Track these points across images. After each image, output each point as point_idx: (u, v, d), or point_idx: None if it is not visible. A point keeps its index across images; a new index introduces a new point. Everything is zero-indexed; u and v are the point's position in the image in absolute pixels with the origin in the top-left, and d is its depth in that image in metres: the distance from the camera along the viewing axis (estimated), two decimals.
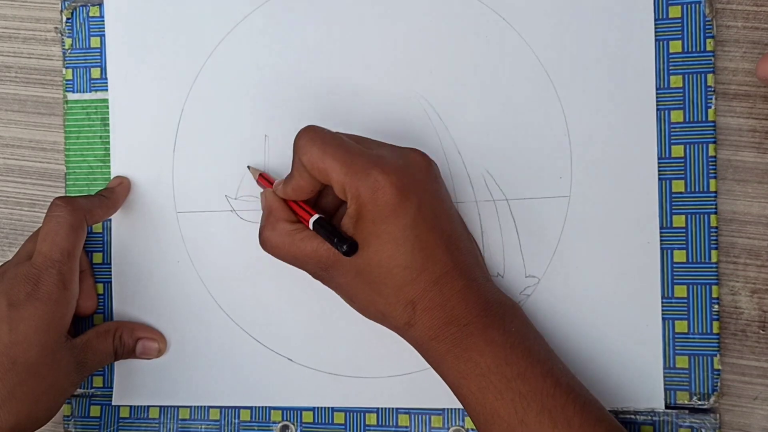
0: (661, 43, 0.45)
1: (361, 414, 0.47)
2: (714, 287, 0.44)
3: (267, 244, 0.43)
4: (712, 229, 0.44)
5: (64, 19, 0.50)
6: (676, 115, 0.45)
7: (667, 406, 0.44)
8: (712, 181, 0.44)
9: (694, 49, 0.45)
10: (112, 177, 0.50)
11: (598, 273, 0.45)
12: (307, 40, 0.48)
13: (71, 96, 0.51)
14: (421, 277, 0.39)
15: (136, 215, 0.50)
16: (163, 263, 0.49)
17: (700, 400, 0.44)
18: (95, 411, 0.50)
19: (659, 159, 0.45)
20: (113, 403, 0.50)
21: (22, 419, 0.42)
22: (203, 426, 0.49)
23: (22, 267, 0.44)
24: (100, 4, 0.50)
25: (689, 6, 0.45)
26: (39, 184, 0.52)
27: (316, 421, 0.48)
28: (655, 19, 0.45)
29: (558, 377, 0.39)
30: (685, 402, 0.44)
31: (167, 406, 0.49)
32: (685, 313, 0.44)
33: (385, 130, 0.47)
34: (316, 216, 0.41)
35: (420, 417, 0.47)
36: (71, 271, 0.44)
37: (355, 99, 0.47)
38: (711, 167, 0.44)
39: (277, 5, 0.48)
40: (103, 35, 0.50)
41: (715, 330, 0.44)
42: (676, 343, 0.44)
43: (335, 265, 0.41)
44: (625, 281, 0.45)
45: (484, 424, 0.39)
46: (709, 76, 0.44)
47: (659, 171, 0.45)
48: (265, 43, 0.48)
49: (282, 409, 0.48)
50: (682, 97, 0.45)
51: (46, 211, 0.45)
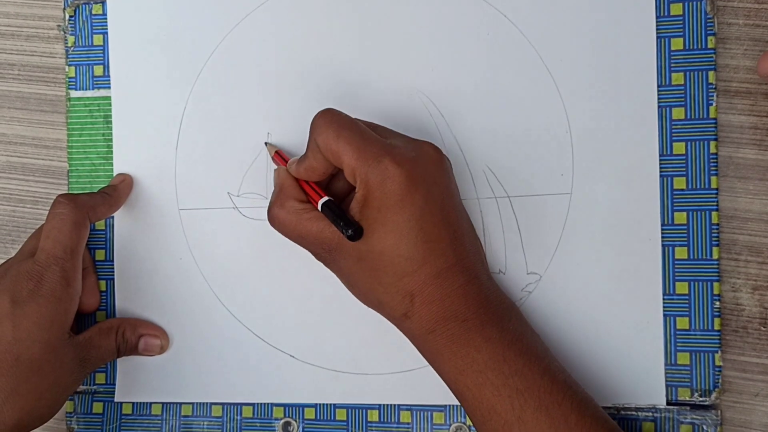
0: (662, 40, 0.45)
1: (363, 411, 0.47)
2: (715, 284, 0.44)
3: (275, 220, 0.43)
4: (714, 226, 0.44)
5: (67, 16, 0.51)
6: (678, 112, 0.45)
7: (668, 403, 0.44)
8: (714, 178, 0.44)
9: (696, 47, 0.45)
10: (114, 174, 0.50)
11: (599, 270, 0.45)
12: (309, 38, 0.48)
13: (74, 93, 0.51)
14: (423, 269, 0.39)
15: (138, 212, 0.50)
16: (165, 260, 0.49)
17: (701, 396, 0.44)
18: (98, 408, 0.50)
19: (661, 156, 0.45)
20: (116, 399, 0.50)
21: (25, 416, 0.42)
22: (206, 422, 0.49)
23: (25, 264, 0.44)
24: (103, 2, 0.50)
25: (691, 3, 0.45)
26: (42, 181, 0.52)
27: (318, 417, 0.48)
28: (657, 17, 0.45)
29: (555, 375, 0.39)
30: (687, 398, 0.44)
31: (170, 403, 0.49)
32: (687, 309, 0.44)
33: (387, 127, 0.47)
34: (325, 198, 0.41)
35: (422, 414, 0.47)
36: (74, 268, 0.44)
37: (357, 96, 0.47)
38: (712, 164, 0.44)
39: (279, 3, 0.48)
40: (106, 33, 0.50)
41: (717, 327, 0.44)
42: (678, 340, 0.44)
43: (338, 249, 0.41)
44: (627, 278, 0.45)
45: (481, 420, 0.39)
46: (711, 73, 0.44)
47: (661, 168, 0.45)
48: (268, 41, 0.48)
49: (284, 405, 0.48)
50: (683, 95, 0.45)
51: (48, 208, 0.45)
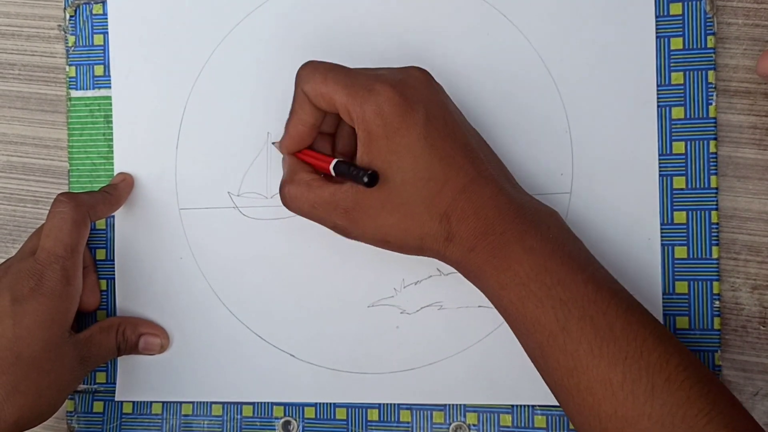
0: (662, 39, 0.45)
1: (363, 410, 0.47)
2: (715, 283, 0.44)
3: (287, 196, 0.42)
4: (713, 226, 0.44)
5: (68, 16, 0.51)
6: (677, 112, 0.45)
7: None
8: (713, 178, 0.44)
9: (695, 46, 0.45)
10: (115, 174, 0.50)
11: None
12: (309, 38, 0.48)
13: (74, 93, 0.51)
14: (447, 187, 0.38)
15: (139, 212, 0.50)
16: (165, 259, 0.49)
17: None
18: (98, 407, 0.50)
19: (660, 155, 0.45)
20: (116, 398, 0.50)
21: (25, 413, 0.42)
22: (206, 421, 0.49)
23: (26, 262, 0.44)
24: (104, 2, 0.50)
25: (690, 3, 0.45)
26: (42, 181, 0.52)
27: (318, 416, 0.48)
28: (656, 16, 0.45)
29: (599, 283, 0.38)
30: None
31: (170, 402, 0.49)
32: (686, 309, 0.44)
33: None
34: (335, 160, 0.40)
35: (422, 413, 0.47)
36: (74, 267, 0.44)
37: None
38: (712, 164, 0.44)
39: (279, 3, 0.48)
40: (107, 33, 0.50)
41: (716, 326, 0.44)
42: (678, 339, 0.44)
43: (358, 206, 0.39)
44: (626, 277, 0.45)
45: (525, 334, 0.38)
46: (710, 72, 0.45)
47: (660, 167, 0.45)
48: (268, 41, 0.49)
49: (284, 404, 0.48)
50: (683, 94, 0.45)
51: (49, 208, 0.45)
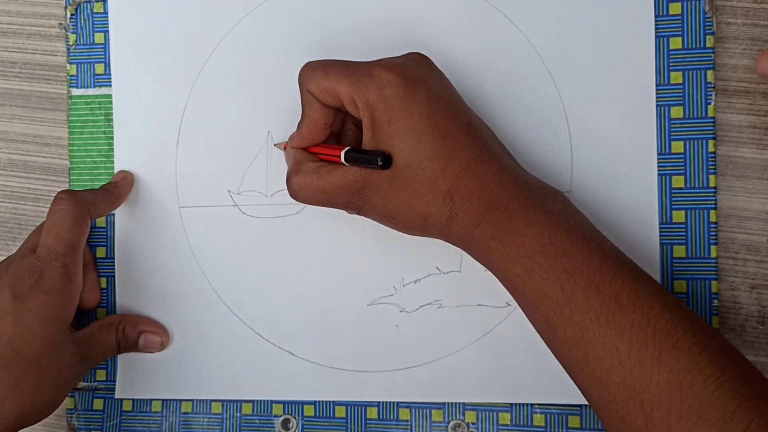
0: (661, 39, 0.45)
1: (362, 408, 0.48)
2: (713, 282, 0.44)
3: (295, 187, 0.42)
4: (712, 225, 0.45)
5: (69, 15, 0.51)
6: (676, 111, 0.45)
7: None
8: (712, 177, 0.45)
9: (694, 46, 0.45)
10: (115, 172, 0.50)
11: None
12: (309, 36, 0.48)
13: (75, 91, 0.51)
14: (451, 165, 0.39)
15: (139, 210, 0.50)
16: (166, 257, 0.50)
17: None
18: (98, 404, 0.50)
19: (659, 155, 0.45)
20: (116, 396, 0.50)
21: (26, 410, 0.42)
22: (205, 419, 0.49)
23: (27, 260, 0.44)
24: (104, 1, 0.50)
25: (689, 3, 0.45)
26: (43, 179, 0.52)
27: (318, 414, 0.48)
28: (656, 16, 0.45)
29: (605, 253, 0.37)
30: None
31: (170, 400, 0.49)
32: None
33: None
34: (345, 148, 0.40)
35: (420, 411, 0.47)
36: (75, 264, 0.44)
37: None
38: (711, 163, 0.45)
39: (280, 1, 0.48)
40: (107, 31, 0.50)
41: (715, 325, 0.44)
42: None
43: (367, 186, 0.40)
44: None
45: (531, 307, 0.38)
46: (709, 72, 0.45)
47: (659, 167, 0.45)
48: (268, 40, 0.49)
49: (284, 402, 0.48)
50: (682, 94, 0.45)
51: (49, 205, 0.45)
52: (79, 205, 0.45)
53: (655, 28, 0.45)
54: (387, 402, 0.47)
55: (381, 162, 0.38)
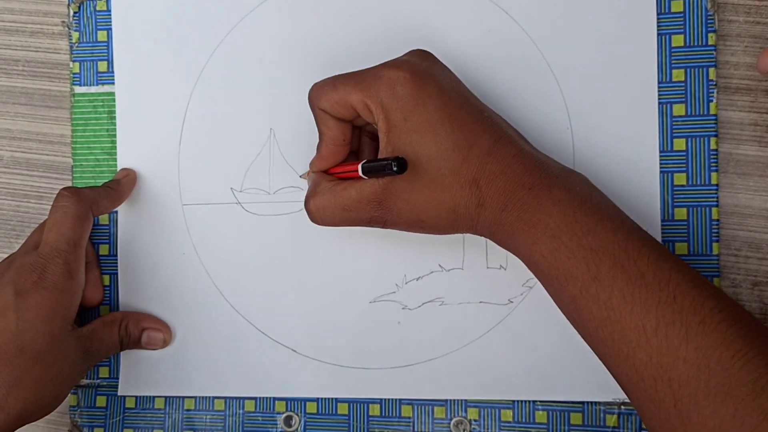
0: (663, 37, 0.45)
1: (365, 405, 0.48)
2: (715, 279, 0.44)
3: (313, 209, 0.42)
4: (714, 222, 0.45)
5: (72, 12, 0.51)
6: (678, 109, 0.45)
7: None
8: (714, 174, 0.45)
9: (696, 44, 0.45)
10: (118, 169, 0.50)
11: None
12: (312, 34, 0.48)
13: (78, 89, 0.51)
14: (472, 153, 0.39)
15: (142, 207, 0.50)
16: (168, 255, 0.50)
17: None
18: (101, 401, 0.50)
19: (661, 152, 0.45)
20: (119, 393, 0.50)
21: (29, 406, 0.42)
22: (208, 416, 0.49)
23: (29, 256, 0.44)
24: None
25: (691, 0, 0.45)
26: (46, 176, 0.52)
27: (320, 411, 0.48)
28: (658, 14, 0.45)
29: (629, 231, 0.37)
30: None
31: (172, 397, 0.49)
32: None
33: None
34: (361, 162, 0.40)
35: (423, 408, 0.47)
36: (77, 261, 0.44)
37: None
38: (712, 160, 0.45)
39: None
40: (110, 29, 0.50)
41: None
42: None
43: (388, 194, 0.40)
44: None
45: (558, 288, 0.38)
46: (711, 70, 0.45)
47: (661, 164, 0.45)
48: (271, 37, 0.49)
49: (286, 399, 0.48)
50: (684, 91, 0.45)
51: (52, 202, 0.45)
52: (82, 202, 0.45)
53: (657, 26, 0.45)
54: (389, 399, 0.47)
55: (396, 167, 0.37)
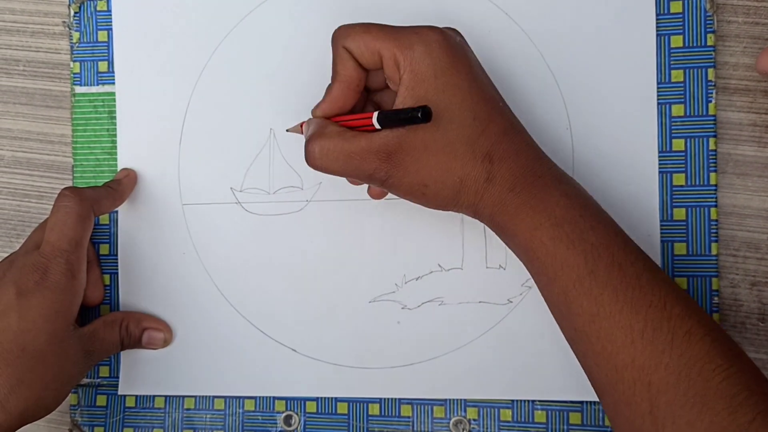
0: (662, 37, 0.45)
1: (364, 404, 0.48)
2: (714, 279, 0.45)
3: (317, 149, 0.39)
4: (713, 222, 0.45)
5: (72, 13, 0.51)
6: (677, 109, 0.45)
7: None
8: (713, 175, 0.45)
9: (695, 44, 0.45)
10: (118, 169, 0.50)
11: None
12: (312, 34, 0.48)
13: (79, 89, 0.51)
14: (490, 128, 0.39)
15: (142, 207, 0.50)
16: (168, 255, 0.50)
17: None
18: (101, 400, 0.50)
19: (660, 152, 0.45)
20: (119, 392, 0.50)
21: (30, 406, 0.42)
22: (208, 416, 0.49)
23: (31, 256, 0.44)
24: None
25: (690, 1, 0.45)
26: (46, 176, 0.52)
27: (320, 411, 0.48)
28: (657, 14, 0.45)
29: (628, 239, 0.38)
30: None
31: (172, 396, 0.50)
32: None
33: None
34: (376, 112, 0.38)
35: (422, 407, 0.47)
36: (79, 261, 0.45)
37: None
38: (711, 161, 0.45)
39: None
40: (111, 29, 0.51)
41: None
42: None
43: (400, 148, 0.38)
44: None
45: (551, 277, 0.38)
46: (710, 70, 0.45)
47: (660, 164, 0.45)
48: (271, 37, 0.49)
49: (286, 399, 0.49)
50: (682, 92, 0.45)
51: (53, 203, 0.45)
52: (83, 202, 0.45)
53: (656, 27, 0.45)
54: (389, 398, 0.48)
55: (421, 114, 0.36)
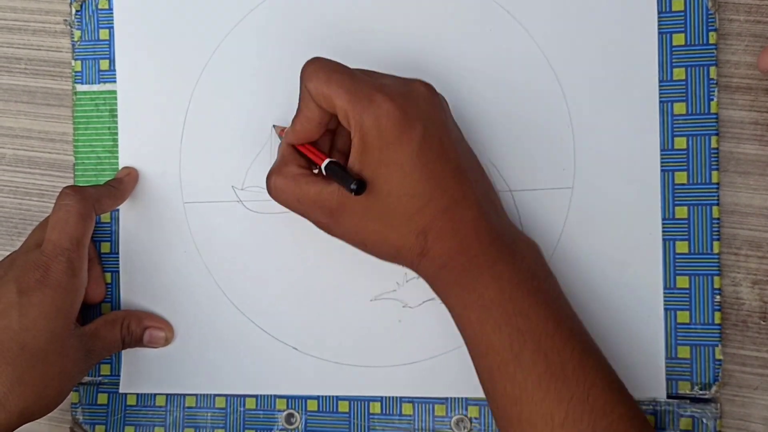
0: (664, 36, 0.45)
1: (366, 403, 0.48)
2: (716, 278, 0.45)
3: (273, 187, 0.42)
4: (714, 221, 0.45)
5: (74, 11, 0.51)
6: (679, 108, 0.45)
7: (668, 396, 0.45)
8: (714, 173, 0.45)
9: (697, 42, 0.45)
10: (120, 168, 0.50)
11: (600, 264, 0.45)
12: (312, 33, 0.48)
13: (80, 87, 0.51)
14: (430, 205, 0.39)
15: (143, 205, 0.50)
16: (170, 253, 0.50)
17: (701, 390, 0.44)
18: (102, 399, 0.50)
19: (662, 151, 0.45)
20: (120, 390, 0.50)
21: (30, 404, 0.42)
22: (209, 414, 0.49)
23: (32, 255, 0.44)
24: None
25: None
26: (48, 174, 0.52)
27: (321, 409, 0.48)
28: (659, 12, 0.45)
29: (560, 321, 0.38)
30: (687, 392, 0.44)
31: (174, 394, 0.50)
32: (687, 303, 0.45)
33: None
34: (327, 160, 0.40)
35: (423, 406, 0.47)
36: (80, 259, 0.45)
37: None
38: (713, 159, 0.45)
39: None
40: (112, 27, 0.51)
41: (717, 320, 0.44)
42: (678, 334, 0.45)
43: (341, 208, 0.40)
44: (628, 272, 0.45)
45: (479, 356, 0.39)
46: (712, 68, 0.45)
47: (662, 163, 0.45)
48: (272, 36, 0.49)
49: (287, 397, 0.49)
50: (684, 90, 0.45)
51: (54, 201, 0.45)
52: (84, 201, 0.45)
53: (658, 25, 0.45)
54: (390, 397, 0.48)
55: (355, 186, 0.38)
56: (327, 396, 0.48)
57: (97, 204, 0.46)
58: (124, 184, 0.49)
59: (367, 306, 0.48)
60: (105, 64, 0.51)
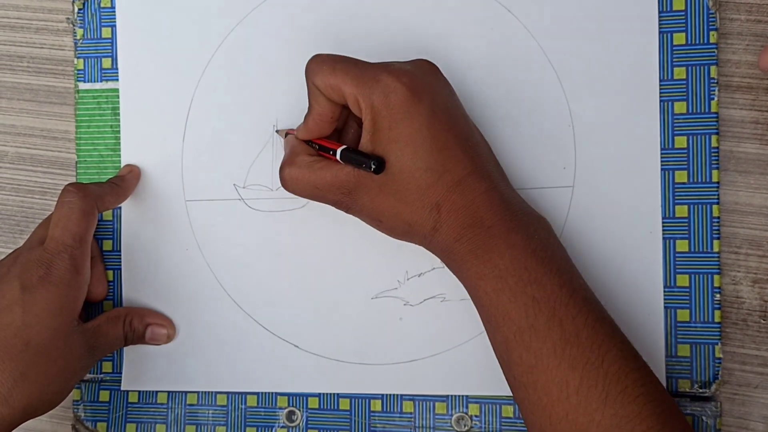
0: (665, 35, 0.45)
1: (366, 400, 0.48)
2: (716, 277, 0.45)
3: (288, 178, 0.43)
4: (714, 220, 0.45)
5: (76, 9, 0.51)
6: (680, 107, 0.45)
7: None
8: (715, 172, 0.45)
9: (698, 42, 0.45)
10: (122, 165, 0.50)
11: (601, 262, 0.45)
12: (315, 32, 0.49)
13: (82, 86, 0.51)
14: (443, 178, 0.39)
15: (145, 203, 0.50)
16: (172, 251, 0.50)
17: (701, 388, 0.44)
18: (104, 396, 0.51)
19: (662, 150, 0.45)
20: (122, 388, 0.50)
21: (33, 401, 0.42)
22: (210, 411, 0.49)
23: (35, 252, 0.44)
24: None
25: None
26: (50, 172, 0.53)
27: (322, 407, 0.48)
28: (659, 12, 0.45)
29: (574, 289, 0.38)
30: (687, 390, 0.45)
31: (175, 392, 0.50)
32: (687, 302, 0.45)
33: None
34: (342, 147, 0.41)
35: (424, 404, 0.47)
36: (83, 256, 0.45)
37: None
38: (713, 158, 0.45)
39: None
40: (115, 26, 0.51)
41: (717, 319, 0.45)
42: (678, 332, 0.45)
43: (358, 187, 0.41)
44: (628, 270, 0.45)
45: (494, 326, 0.39)
46: (713, 68, 0.45)
47: (662, 161, 0.45)
48: (274, 34, 0.49)
49: (288, 395, 0.49)
50: (685, 89, 0.45)
51: (56, 199, 0.46)
52: (87, 198, 0.45)
53: (659, 24, 0.45)
54: (391, 395, 0.48)
55: (374, 166, 0.39)
56: (328, 394, 0.48)
57: (100, 201, 0.47)
58: (126, 182, 0.49)
59: (368, 304, 0.48)
60: (107, 63, 0.51)
